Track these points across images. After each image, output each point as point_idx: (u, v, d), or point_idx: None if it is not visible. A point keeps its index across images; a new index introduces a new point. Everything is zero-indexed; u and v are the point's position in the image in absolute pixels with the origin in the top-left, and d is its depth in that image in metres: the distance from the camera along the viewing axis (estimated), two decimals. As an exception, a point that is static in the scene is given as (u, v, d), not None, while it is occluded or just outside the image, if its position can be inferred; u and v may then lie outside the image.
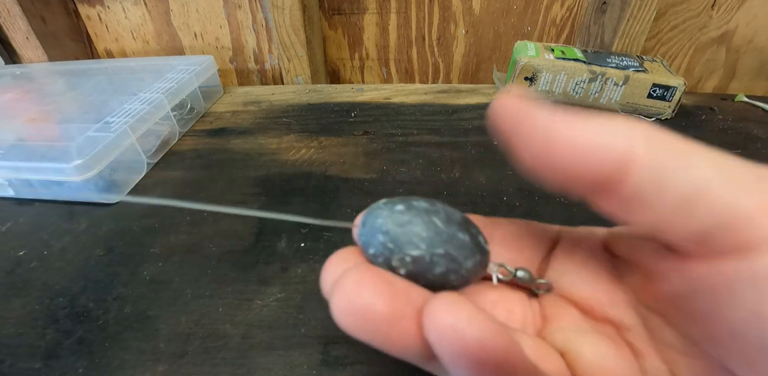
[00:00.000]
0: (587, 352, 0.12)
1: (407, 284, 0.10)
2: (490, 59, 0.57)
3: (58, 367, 0.20)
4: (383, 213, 0.12)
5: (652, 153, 0.10)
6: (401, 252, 0.11)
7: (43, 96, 0.41)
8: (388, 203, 0.12)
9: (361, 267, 0.10)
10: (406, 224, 0.11)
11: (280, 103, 0.47)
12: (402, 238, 0.11)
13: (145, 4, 0.54)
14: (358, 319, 0.09)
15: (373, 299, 0.09)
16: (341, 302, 0.09)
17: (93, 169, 0.30)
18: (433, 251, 0.11)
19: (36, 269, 0.26)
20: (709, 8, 0.48)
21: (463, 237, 0.12)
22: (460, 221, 0.12)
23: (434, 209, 0.12)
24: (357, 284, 0.10)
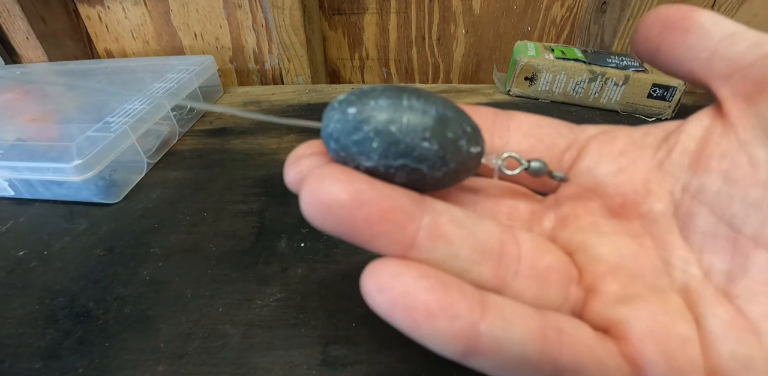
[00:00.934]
0: (605, 252, 0.12)
1: (369, 178, 0.10)
2: (490, 59, 0.57)
3: (58, 367, 0.20)
4: (335, 116, 0.10)
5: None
6: (354, 161, 0.10)
7: (43, 96, 0.41)
8: (343, 103, 0.10)
9: (323, 166, 0.10)
10: (354, 132, 0.10)
11: (280, 103, 0.47)
12: (352, 148, 0.10)
13: (145, 4, 0.54)
14: (323, 211, 0.09)
15: (335, 188, 0.09)
16: (307, 198, 0.09)
17: (93, 169, 0.30)
18: (387, 163, 0.10)
19: (36, 269, 0.26)
20: (709, 8, 0.48)
21: (429, 145, 0.10)
22: (432, 122, 0.10)
23: (396, 109, 0.10)
24: (319, 179, 0.09)
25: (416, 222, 0.10)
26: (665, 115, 0.41)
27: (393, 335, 0.21)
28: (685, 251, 0.12)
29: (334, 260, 0.26)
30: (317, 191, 0.09)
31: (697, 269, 0.11)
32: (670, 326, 0.10)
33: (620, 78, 0.41)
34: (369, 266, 0.10)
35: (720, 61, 0.12)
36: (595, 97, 0.43)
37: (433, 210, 0.10)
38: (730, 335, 0.10)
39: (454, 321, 0.09)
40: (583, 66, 0.42)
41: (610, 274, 0.11)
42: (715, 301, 0.11)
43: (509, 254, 0.11)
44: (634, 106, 0.42)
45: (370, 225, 0.09)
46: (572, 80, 0.43)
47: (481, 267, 0.11)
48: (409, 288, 0.09)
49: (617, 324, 0.11)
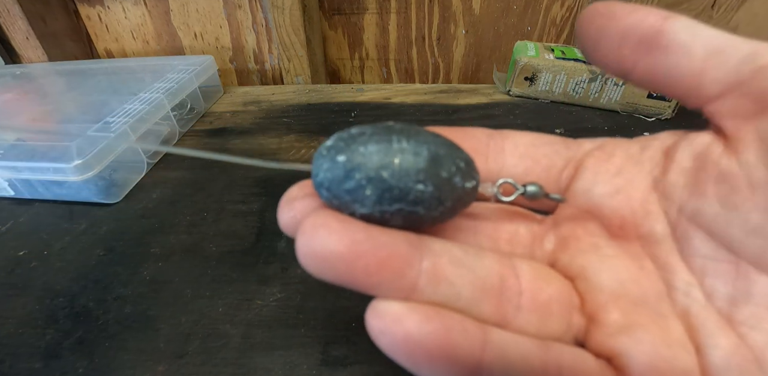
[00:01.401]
0: (606, 278, 0.12)
1: (365, 224, 0.10)
2: (490, 59, 0.57)
3: (58, 367, 0.20)
4: (324, 165, 0.10)
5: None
6: (348, 209, 0.10)
7: (43, 96, 0.41)
8: (331, 150, 0.10)
9: (317, 213, 0.10)
10: (346, 181, 0.09)
11: (280, 103, 0.47)
12: (344, 196, 0.10)
13: (145, 4, 0.54)
14: (320, 263, 0.09)
15: (330, 240, 0.09)
16: (302, 248, 0.09)
17: (93, 169, 0.30)
18: (382, 209, 0.10)
19: (36, 269, 0.26)
20: (709, 8, 0.48)
21: (424, 188, 0.10)
22: (425, 164, 0.10)
23: (386, 153, 0.09)
24: (312, 229, 0.09)
25: (416, 267, 0.10)
26: (665, 115, 0.41)
27: (393, 335, 0.21)
28: (687, 274, 0.11)
29: (334, 260, 0.26)
30: (312, 242, 0.09)
31: (699, 293, 0.11)
32: (671, 359, 0.10)
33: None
34: (372, 306, 0.10)
35: (711, 83, 0.11)
36: (595, 97, 0.43)
37: (431, 252, 0.10)
38: (732, 365, 0.10)
39: (455, 364, 0.09)
40: (583, 66, 0.42)
41: (611, 302, 0.11)
42: (718, 329, 0.11)
43: (510, 288, 0.11)
44: (634, 106, 0.42)
45: (369, 275, 0.09)
46: (572, 80, 0.43)
47: (483, 305, 0.11)
48: (412, 332, 0.09)
49: (618, 356, 0.11)
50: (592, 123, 0.41)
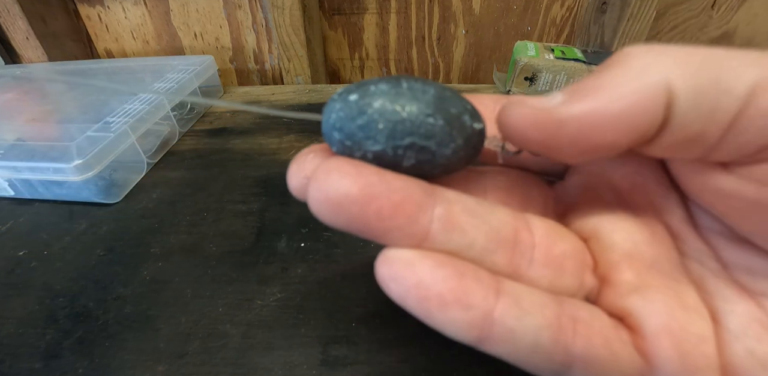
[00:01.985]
0: (619, 239, 0.11)
1: (378, 168, 0.10)
2: (490, 59, 0.57)
3: (58, 367, 0.20)
4: (336, 106, 0.10)
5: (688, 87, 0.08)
6: (360, 149, 0.10)
7: (43, 96, 0.41)
8: (343, 93, 0.10)
9: (330, 159, 0.10)
10: (359, 117, 0.10)
11: (280, 103, 0.47)
12: (357, 134, 0.10)
13: (145, 4, 0.54)
14: (333, 207, 0.09)
15: (344, 183, 0.09)
16: (315, 194, 0.09)
17: (93, 170, 0.30)
18: (395, 144, 0.10)
19: (36, 269, 0.26)
20: (709, 8, 0.48)
21: (434, 121, 0.10)
22: (433, 100, 0.10)
23: (397, 91, 0.10)
24: (326, 174, 0.09)
25: (429, 213, 0.10)
26: (665, 115, 0.41)
27: (393, 335, 0.21)
28: (700, 244, 0.11)
29: (334, 260, 0.26)
30: (325, 186, 0.09)
31: (713, 262, 0.11)
32: (685, 323, 0.10)
33: (620, 78, 0.41)
34: (383, 254, 0.10)
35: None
36: (595, 97, 0.43)
37: (445, 199, 0.10)
38: (749, 332, 0.10)
39: (468, 311, 0.09)
40: (583, 66, 0.42)
41: (624, 262, 0.11)
42: (734, 296, 0.10)
43: (523, 241, 0.11)
44: (634, 106, 0.42)
45: (382, 219, 0.09)
46: (572, 80, 0.43)
47: (496, 255, 0.10)
48: (424, 278, 0.09)
49: (631, 316, 0.10)
50: (592, 123, 0.41)
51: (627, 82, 0.09)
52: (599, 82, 0.09)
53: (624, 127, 0.09)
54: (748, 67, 0.08)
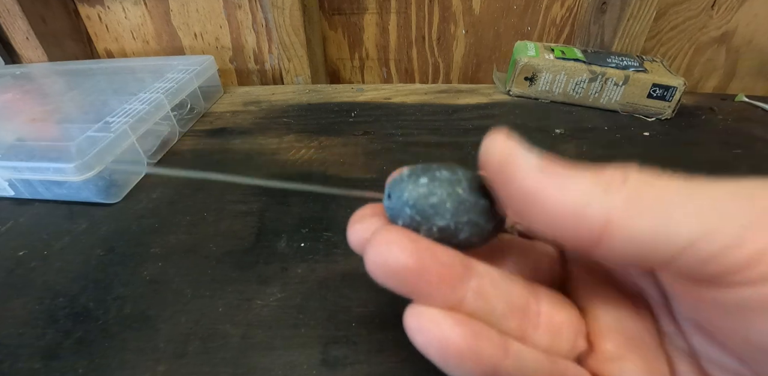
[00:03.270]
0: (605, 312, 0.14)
1: (430, 243, 0.12)
2: (490, 59, 0.57)
3: (58, 367, 0.20)
4: (408, 187, 0.12)
5: (628, 225, 0.10)
6: (428, 223, 0.12)
7: (43, 96, 0.41)
8: (411, 175, 0.12)
9: (389, 228, 0.12)
10: (431, 197, 0.12)
11: (280, 103, 0.47)
12: (428, 211, 0.12)
13: (145, 4, 0.54)
14: (389, 273, 0.11)
15: (402, 256, 0.11)
16: (374, 259, 0.11)
17: (93, 169, 0.30)
18: (458, 220, 0.12)
19: (36, 269, 0.26)
20: (709, 8, 0.48)
21: (484, 203, 0.12)
22: (480, 186, 0.12)
23: (456, 178, 0.12)
24: (387, 244, 0.11)
25: (465, 285, 0.12)
26: (665, 115, 0.41)
27: (393, 336, 0.21)
28: (673, 326, 0.13)
29: (334, 260, 0.26)
30: (385, 255, 0.11)
31: (684, 345, 0.13)
32: None
33: (620, 78, 0.41)
34: (412, 308, 0.11)
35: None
36: (595, 97, 0.43)
37: (478, 273, 0.12)
38: None
39: (479, 363, 0.11)
40: (583, 66, 0.42)
41: (608, 333, 0.13)
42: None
43: (532, 310, 0.13)
44: (634, 106, 0.42)
45: (429, 287, 0.11)
46: (572, 80, 0.43)
47: (509, 320, 0.12)
48: (445, 333, 0.11)
49: None
50: (592, 123, 0.41)
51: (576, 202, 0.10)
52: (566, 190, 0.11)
53: (567, 234, 0.11)
54: (691, 220, 0.10)
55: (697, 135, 0.39)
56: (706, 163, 0.34)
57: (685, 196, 0.10)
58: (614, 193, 0.10)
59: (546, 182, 0.11)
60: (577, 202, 0.10)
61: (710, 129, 0.40)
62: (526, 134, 0.39)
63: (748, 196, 0.10)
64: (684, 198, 0.10)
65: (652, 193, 0.10)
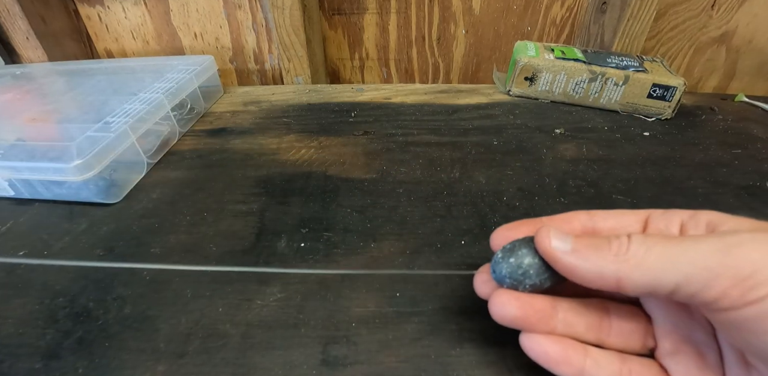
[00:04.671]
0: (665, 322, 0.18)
1: (527, 296, 0.18)
2: (490, 59, 0.57)
3: (58, 367, 0.20)
4: (504, 265, 0.18)
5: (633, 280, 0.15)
6: (522, 284, 0.18)
7: (43, 96, 0.41)
8: (504, 257, 0.18)
9: (500, 292, 0.18)
10: (519, 269, 0.17)
11: (280, 103, 0.47)
12: (520, 278, 0.17)
13: (145, 4, 0.54)
14: (508, 321, 0.17)
15: (512, 310, 0.17)
16: (497, 313, 0.18)
17: (93, 169, 0.30)
18: (540, 278, 0.17)
19: (36, 269, 0.26)
20: (709, 8, 0.48)
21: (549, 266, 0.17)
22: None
23: (532, 253, 0.17)
24: (501, 304, 0.17)
25: (555, 318, 0.18)
26: (665, 115, 0.41)
27: (393, 335, 0.21)
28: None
29: (334, 260, 0.26)
30: (502, 311, 0.17)
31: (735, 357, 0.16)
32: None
33: (620, 78, 0.41)
34: (525, 335, 0.18)
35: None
36: (595, 97, 0.43)
37: (563, 308, 0.18)
38: None
39: (570, 365, 0.17)
40: (583, 66, 0.42)
41: (667, 335, 0.18)
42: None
43: (604, 324, 0.18)
44: (634, 106, 0.42)
45: (532, 324, 0.17)
46: (572, 80, 0.43)
47: (588, 334, 0.18)
48: (546, 349, 0.17)
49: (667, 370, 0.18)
50: (592, 123, 0.41)
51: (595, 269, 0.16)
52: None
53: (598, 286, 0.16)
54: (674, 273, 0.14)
55: (697, 135, 0.39)
56: (706, 164, 0.34)
57: (672, 254, 0.14)
58: (621, 259, 0.15)
59: (575, 260, 0.16)
60: (597, 271, 0.15)
61: (710, 129, 0.40)
62: (526, 134, 0.39)
63: (725, 250, 0.14)
64: (671, 256, 0.14)
65: (647, 255, 0.15)
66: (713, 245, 0.14)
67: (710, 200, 0.30)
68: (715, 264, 0.13)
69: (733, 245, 0.14)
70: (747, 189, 0.31)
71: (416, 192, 0.32)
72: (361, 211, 0.30)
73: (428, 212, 0.30)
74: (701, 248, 0.14)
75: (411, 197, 0.31)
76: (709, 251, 0.14)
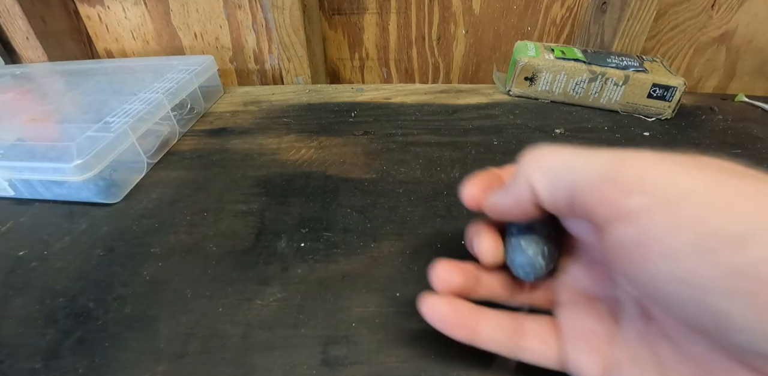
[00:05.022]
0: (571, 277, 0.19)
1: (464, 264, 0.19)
2: (490, 59, 0.57)
3: (58, 367, 0.20)
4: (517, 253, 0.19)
5: (544, 189, 0.15)
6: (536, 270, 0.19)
7: (43, 96, 0.41)
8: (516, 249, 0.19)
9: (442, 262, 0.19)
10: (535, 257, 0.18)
11: (280, 103, 0.47)
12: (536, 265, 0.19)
13: (145, 4, 0.54)
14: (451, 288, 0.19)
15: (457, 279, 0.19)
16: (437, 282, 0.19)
17: (93, 170, 0.30)
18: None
19: (36, 269, 0.26)
20: (709, 8, 0.48)
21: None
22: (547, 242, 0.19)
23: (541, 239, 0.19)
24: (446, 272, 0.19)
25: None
26: (665, 115, 0.41)
27: (393, 336, 0.21)
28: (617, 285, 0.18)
29: (334, 260, 0.26)
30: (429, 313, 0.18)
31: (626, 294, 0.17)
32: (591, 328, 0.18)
33: (620, 78, 0.41)
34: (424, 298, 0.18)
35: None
36: (595, 97, 0.43)
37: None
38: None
39: (464, 328, 0.18)
40: (583, 66, 0.42)
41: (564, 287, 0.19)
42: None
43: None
44: (634, 106, 0.42)
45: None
46: (572, 80, 0.43)
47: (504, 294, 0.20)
48: (443, 311, 0.18)
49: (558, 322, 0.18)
50: (592, 123, 0.41)
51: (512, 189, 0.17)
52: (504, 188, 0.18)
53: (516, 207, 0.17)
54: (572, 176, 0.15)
55: (697, 135, 0.39)
56: (706, 163, 0.34)
57: (571, 157, 0.15)
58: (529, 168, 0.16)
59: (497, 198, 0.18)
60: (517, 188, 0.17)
61: (710, 129, 0.40)
62: (526, 134, 0.39)
63: (618, 158, 0.14)
64: (570, 159, 0.15)
65: (552, 157, 0.16)
66: (608, 155, 0.14)
67: (710, 200, 0.30)
68: (605, 168, 0.14)
69: (626, 156, 0.14)
70: (747, 189, 0.31)
71: (416, 192, 0.32)
72: (361, 211, 0.30)
73: (428, 212, 0.30)
74: (596, 155, 0.14)
75: (411, 197, 0.31)
76: (602, 157, 0.14)
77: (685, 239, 0.11)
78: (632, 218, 0.12)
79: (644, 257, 0.12)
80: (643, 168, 0.13)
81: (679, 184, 0.12)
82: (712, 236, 0.11)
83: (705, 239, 0.11)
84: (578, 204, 0.14)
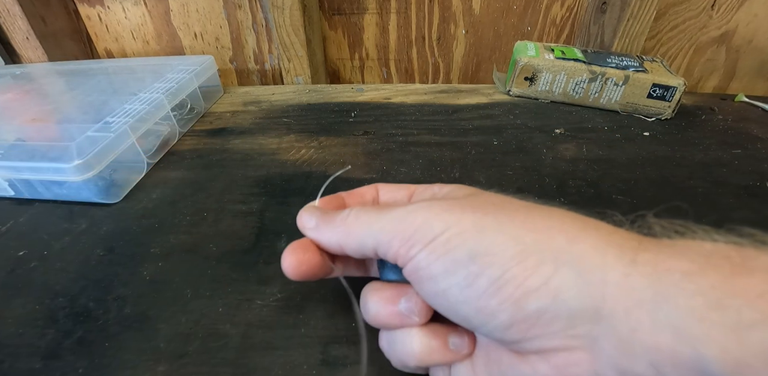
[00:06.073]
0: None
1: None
2: (490, 59, 0.57)
3: (58, 367, 0.20)
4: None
5: (350, 242, 0.18)
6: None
7: (43, 96, 0.41)
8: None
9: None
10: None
11: (280, 103, 0.47)
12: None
13: (145, 4, 0.54)
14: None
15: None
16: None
17: (93, 170, 0.30)
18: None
19: (36, 269, 0.26)
20: (709, 8, 0.48)
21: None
22: None
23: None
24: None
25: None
26: (665, 115, 0.41)
27: (393, 335, 0.21)
28: None
29: (334, 260, 0.26)
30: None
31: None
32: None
33: (620, 78, 0.41)
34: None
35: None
36: (595, 97, 0.43)
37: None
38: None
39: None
40: (583, 66, 0.42)
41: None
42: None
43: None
44: (634, 106, 0.42)
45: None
46: (572, 80, 0.43)
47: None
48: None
49: None
50: (592, 123, 0.41)
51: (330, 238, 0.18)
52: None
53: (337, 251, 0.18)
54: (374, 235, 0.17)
55: (697, 135, 0.39)
56: (706, 163, 0.34)
57: (370, 222, 0.17)
58: (339, 230, 0.18)
59: (315, 234, 0.18)
60: (327, 240, 0.18)
61: (710, 129, 0.40)
62: (526, 134, 0.39)
63: (401, 216, 0.16)
64: (369, 223, 0.17)
65: (356, 223, 0.17)
66: (396, 213, 0.16)
67: (710, 199, 0.30)
68: (393, 228, 0.16)
69: (408, 211, 0.16)
70: (747, 189, 0.31)
71: (416, 192, 0.32)
72: (361, 211, 0.30)
73: (428, 212, 0.30)
74: (388, 216, 0.16)
75: (411, 197, 0.31)
76: (392, 218, 0.16)
77: (441, 266, 0.15)
78: (413, 258, 0.16)
79: (421, 283, 0.16)
80: (418, 223, 0.16)
81: (433, 228, 0.15)
82: (453, 261, 0.15)
83: (453, 263, 0.15)
84: (384, 257, 0.17)
